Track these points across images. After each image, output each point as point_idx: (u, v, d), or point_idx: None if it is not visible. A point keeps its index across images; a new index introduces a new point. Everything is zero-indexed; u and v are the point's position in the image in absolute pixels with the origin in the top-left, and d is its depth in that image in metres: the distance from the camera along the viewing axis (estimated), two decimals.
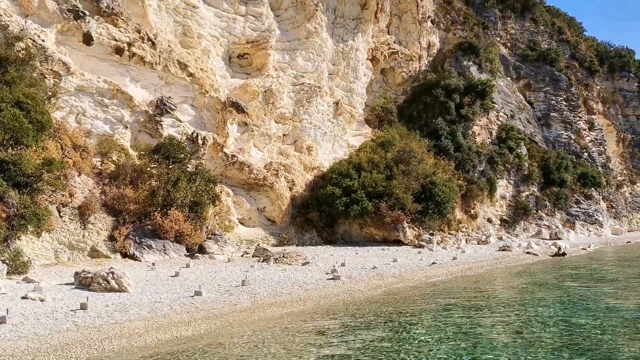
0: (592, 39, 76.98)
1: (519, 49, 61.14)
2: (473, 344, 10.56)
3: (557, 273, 24.68)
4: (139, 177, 25.16)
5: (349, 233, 34.88)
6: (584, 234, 53.08)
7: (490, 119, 50.40)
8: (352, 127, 42.66)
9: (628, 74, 75.46)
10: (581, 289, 18.20)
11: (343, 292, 16.69)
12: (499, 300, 16.46)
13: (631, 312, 13.84)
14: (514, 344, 10.60)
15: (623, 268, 27.70)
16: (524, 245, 38.00)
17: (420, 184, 35.53)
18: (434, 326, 12.32)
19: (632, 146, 74.11)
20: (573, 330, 11.81)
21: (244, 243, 29.44)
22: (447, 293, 17.90)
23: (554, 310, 14.25)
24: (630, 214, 69.46)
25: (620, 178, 70.42)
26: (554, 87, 60.80)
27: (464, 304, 15.44)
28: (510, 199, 49.42)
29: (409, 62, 48.75)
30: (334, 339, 11.05)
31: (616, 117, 72.15)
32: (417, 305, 15.23)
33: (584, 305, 14.88)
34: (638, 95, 76.41)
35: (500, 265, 28.31)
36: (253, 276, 17.99)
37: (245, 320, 12.61)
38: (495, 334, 11.72)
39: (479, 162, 45.32)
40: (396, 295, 17.07)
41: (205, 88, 30.59)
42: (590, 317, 13.17)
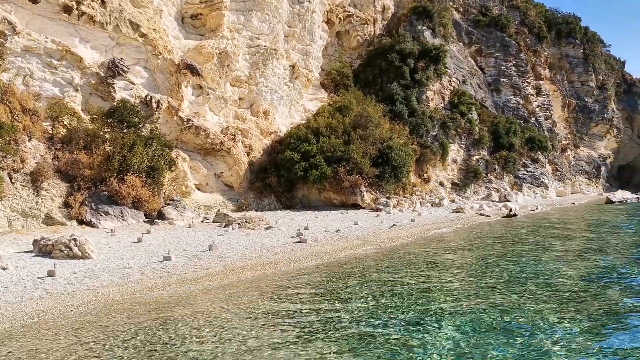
0: (540, 5, 78.43)
1: (471, 14, 61.73)
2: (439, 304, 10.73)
3: (512, 231, 25.44)
4: (93, 142, 24.21)
5: (308, 198, 34.88)
6: (530, 196, 54.98)
7: (443, 84, 50.93)
8: (308, 91, 42.26)
9: (574, 40, 77.52)
10: (536, 246, 18.79)
11: (312, 255, 16.67)
12: (463, 258, 16.81)
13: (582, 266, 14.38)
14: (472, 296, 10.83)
15: (569, 224, 28.84)
16: (476, 207, 38.96)
17: (377, 148, 35.76)
18: (409, 283, 12.46)
19: (577, 111, 76.73)
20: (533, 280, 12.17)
21: (202, 209, 29.01)
22: (412, 252, 18.16)
23: (515, 266, 14.67)
24: (574, 176, 72.36)
25: (565, 142, 73.04)
26: (504, 53, 61.92)
27: (432, 261, 15.71)
28: (462, 163, 50.46)
29: (364, 25, 48.43)
30: (313, 300, 11.01)
31: (562, 83, 74.31)
32: (384, 264, 15.38)
33: (539, 261, 15.36)
34: (583, 62, 78.75)
35: (457, 225, 28.97)
36: (218, 241, 17.74)
37: (221, 283, 12.41)
38: (459, 289, 11.94)
39: (432, 127, 45.91)
40: (364, 256, 17.21)
41: (159, 49, 29.51)
42: (545, 274, 13.61)
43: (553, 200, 54.91)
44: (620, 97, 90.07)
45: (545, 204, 48.99)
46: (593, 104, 79.40)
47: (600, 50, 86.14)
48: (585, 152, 78.58)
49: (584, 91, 78.68)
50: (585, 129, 78.77)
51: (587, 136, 79.44)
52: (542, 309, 9.86)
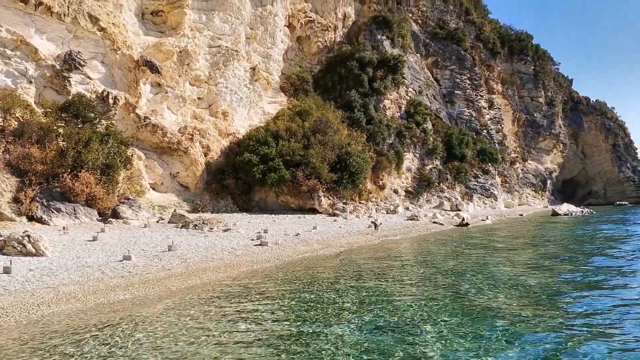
0: (495, 22, 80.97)
1: (429, 27, 62.98)
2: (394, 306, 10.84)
3: (467, 240, 25.94)
4: (46, 136, 23.37)
5: (265, 201, 34.68)
6: (480, 207, 56.39)
7: (400, 94, 51.70)
8: (268, 94, 42.10)
9: (526, 57, 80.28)
10: (488, 256, 19.22)
11: (274, 258, 16.54)
12: (419, 266, 17.02)
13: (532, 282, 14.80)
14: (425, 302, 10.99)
15: (519, 235, 29.64)
16: (429, 216, 39.62)
17: (336, 154, 35.94)
18: (370, 287, 12.51)
19: (526, 126, 79.39)
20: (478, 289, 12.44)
21: (156, 209, 28.42)
22: (372, 257, 18.25)
23: (469, 273, 14.96)
24: (521, 188, 74.69)
25: (514, 155, 75.34)
26: (459, 66, 63.42)
27: (391, 266, 15.83)
28: (416, 172, 51.29)
29: (324, 31, 48.67)
30: (278, 300, 10.90)
31: (513, 97, 76.76)
32: (346, 268, 15.41)
33: (489, 271, 15.71)
34: (533, 78, 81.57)
35: (413, 233, 29.33)
36: (177, 242, 17.37)
37: (184, 284, 12.14)
38: (413, 296, 12.08)
39: (388, 135, 46.52)
40: (326, 260, 17.19)
41: (118, 44, 28.84)
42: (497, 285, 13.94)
43: (502, 211, 56.43)
44: (567, 114, 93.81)
45: (495, 215, 50.26)
46: (541, 120, 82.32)
47: (549, 67, 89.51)
48: (533, 165, 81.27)
49: (534, 107, 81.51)
50: (533, 143, 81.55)
51: (535, 150, 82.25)
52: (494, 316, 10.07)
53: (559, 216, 53.66)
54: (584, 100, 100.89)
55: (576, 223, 42.06)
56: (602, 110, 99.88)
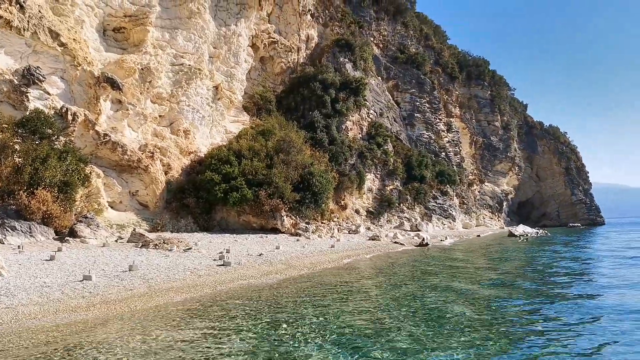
0: (454, 47, 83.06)
1: (390, 51, 64.16)
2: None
3: (427, 260, 26.25)
4: (2, 152, 22.75)
5: (227, 220, 34.37)
6: (439, 227, 57.19)
7: (362, 116, 52.30)
8: (230, 113, 41.98)
9: (483, 82, 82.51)
10: (448, 277, 19.50)
11: (238, 278, 16.36)
12: (383, 286, 17.12)
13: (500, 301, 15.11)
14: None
15: (476, 256, 30.18)
16: (390, 236, 39.96)
17: (299, 173, 35.99)
18: (338, 308, 12.52)
19: (483, 149, 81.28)
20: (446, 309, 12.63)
21: (115, 228, 27.82)
22: (335, 278, 18.27)
23: (432, 295, 15.16)
24: (479, 210, 76.18)
25: (472, 177, 76.97)
26: (419, 90, 64.71)
27: (353, 288, 15.89)
28: (377, 192, 51.76)
29: (288, 52, 49.00)
30: (245, 323, 10.78)
31: (470, 121, 78.67)
32: (311, 290, 15.38)
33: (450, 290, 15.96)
34: (490, 103, 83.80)
35: (374, 253, 29.49)
36: (137, 262, 17.02)
37: (147, 305, 11.88)
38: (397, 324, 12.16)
39: (350, 156, 46.90)
40: (290, 281, 17.11)
41: (78, 60, 28.38)
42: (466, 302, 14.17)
43: (460, 232, 57.38)
44: (522, 138, 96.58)
45: (453, 235, 51.04)
46: (498, 143, 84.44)
47: (505, 93, 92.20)
48: (490, 187, 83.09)
49: (490, 130, 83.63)
50: (490, 166, 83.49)
51: (492, 172, 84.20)
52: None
53: (515, 237, 54.83)
54: (538, 124, 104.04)
55: (531, 244, 43.07)
56: (555, 135, 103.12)
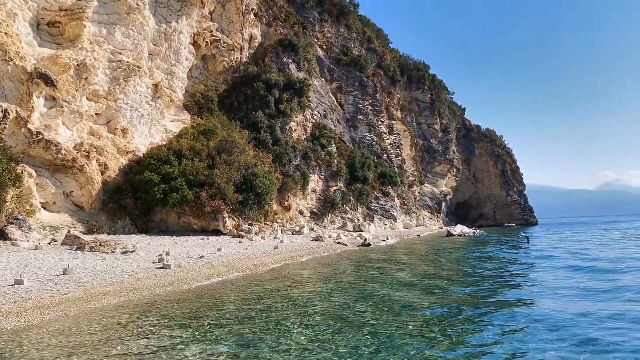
0: (395, 51, 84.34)
1: (334, 52, 64.44)
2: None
3: (369, 260, 26.42)
4: None
5: (166, 222, 33.53)
6: (381, 227, 57.89)
7: (306, 117, 52.29)
8: (170, 112, 41.03)
9: (423, 86, 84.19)
10: (388, 275, 19.67)
11: (177, 281, 15.90)
12: (326, 286, 17.08)
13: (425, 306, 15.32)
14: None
15: (417, 254, 30.68)
16: (334, 236, 40.08)
17: (241, 174, 35.54)
18: (278, 310, 12.34)
19: (423, 151, 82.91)
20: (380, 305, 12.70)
21: (48, 229, 26.61)
22: (278, 279, 18.07)
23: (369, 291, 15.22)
24: (419, 210, 77.61)
25: (412, 178, 78.35)
26: (362, 92, 65.31)
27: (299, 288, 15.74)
28: (320, 193, 51.85)
29: (230, 51, 48.38)
30: (184, 326, 10.43)
31: (411, 124, 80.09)
32: (251, 291, 15.13)
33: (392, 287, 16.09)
34: (430, 106, 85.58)
35: (318, 254, 29.48)
36: (72, 265, 16.29)
37: (82, 309, 11.33)
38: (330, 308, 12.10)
39: (294, 157, 46.75)
40: (231, 283, 16.79)
41: (10, 55, 26.99)
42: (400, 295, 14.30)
43: (401, 232, 58.27)
44: (460, 141, 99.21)
45: (394, 235, 51.75)
46: (437, 145, 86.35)
47: (445, 96, 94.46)
48: (429, 188, 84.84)
49: (430, 133, 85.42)
50: (429, 168, 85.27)
51: (431, 174, 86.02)
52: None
53: (453, 237, 56.22)
54: (476, 128, 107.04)
55: (468, 243, 44.20)
56: (491, 138, 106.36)
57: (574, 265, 23.25)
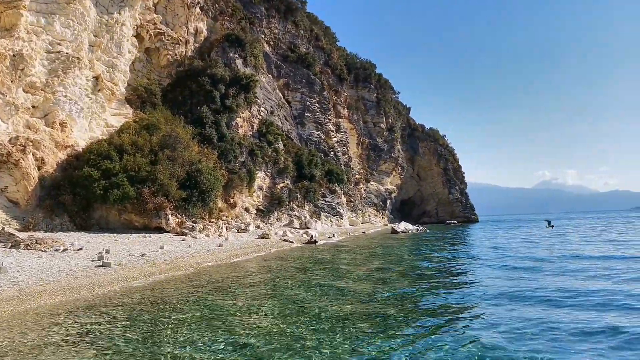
0: (343, 49, 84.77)
1: (281, 49, 64.16)
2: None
3: (314, 257, 26.51)
4: None
5: (107, 219, 32.57)
6: (327, 225, 58.21)
7: (253, 113, 51.89)
8: (112, 105, 39.82)
9: (369, 85, 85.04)
10: (333, 271, 19.82)
11: (118, 280, 15.47)
12: (268, 283, 17.02)
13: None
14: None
15: (362, 251, 31.03)
16: (280, 234, 39.99)
17: (185, 171, 34.92)
18: (222, 306, 12.19)
19: (369, 149, 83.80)
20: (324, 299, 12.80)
21: None
22: (222, 277, 17.86)
23: (310, 289, 15.29)
24: (364, 208, 78.48)
25: (358, 176, 79.10)
26: (310, 90, 65.35)
27: (240, 284, 15.61)
28: (267, 190, 51.59)
29: (175, 45, 47.44)
30: (124, 326, 10.15)
31: (358, 122, 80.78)
32: (194, 290, 14.90)
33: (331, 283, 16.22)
34: (376, 105, 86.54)
35: (263, 251, 29.38)
36: (5, 263, 15.59)
37: (17, 309, 10.84)
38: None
39: (240, 154, 46.31)
40: (174, 281, 16.48)
41: None
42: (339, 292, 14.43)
43: (347, 229, 58.78)
44: (405, 140, 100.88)
45: (341, 232, 52.20)
46: (383, 144, 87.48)
47: (390, 96, 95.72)
48: (375, 186, 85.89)
49: (376, 131, 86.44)
50: (375, 166, 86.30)
51: (377, 172, 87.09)
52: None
53: (397, 234, 57.18)
54: (420, 127, 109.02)
55: (410, 240, 45.04)
56: (435, 137, 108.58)
57: (507, 264, 23.92)
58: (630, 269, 19.14)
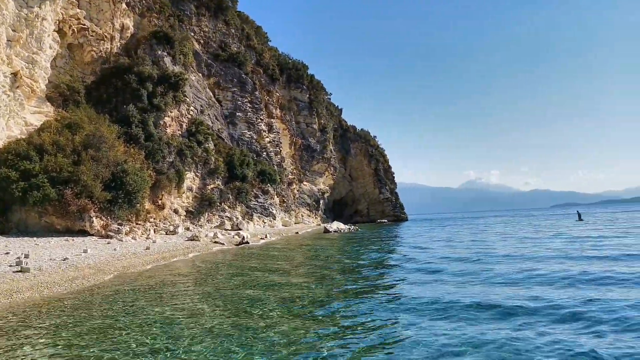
0: (275, 49, 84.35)
1: (211, 48, 63.09)
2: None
3: (245, 258, 26.22)
4: None
5: (26, 222, 30.95)
6: (260, 225, 57.84)
7: (182, 112, 50.77)
8: (32, 103, 37.86)
9: (302, 85, 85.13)
10: (264, 272, 19.70)
11: (38, 285, 14.67)
12: (199, 286, 16.67)
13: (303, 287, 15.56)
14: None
15: (293, 252, 31.03)
16: (210, 236, 39.34)
17: (110, 171, 33.75)
18: (144, 311, 11.80)
19: (302, 150, 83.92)
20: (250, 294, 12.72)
21: None
22: (150, 282, 17.32)
23: (238, 289, 15.12)
24: (297, 208, 78.54)
25: (291, 177, 79.05)
26: (241, 89, 64.65)
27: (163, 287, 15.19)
28: (197, 191, 50.62)
29: (100, 41, 45.71)
30: (46, 334, 9.62)
31: (290, 123, 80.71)
32: (119, 296, 14.37)
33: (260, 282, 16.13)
34: (308, 106, 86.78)
35: (193, 253, 28.77)
36: None
37: None
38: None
39: (169, 154, 45.21)
40: (98, 286, 15.81)
41: None
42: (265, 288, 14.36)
43: (280, 230, 58.61)
44: (337, 140, 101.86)
45: (273, 233, 51.98)
46: (315, 144, 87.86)
47: (323, 97, 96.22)
48: (308, 186, 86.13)
49: (309, 132, 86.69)
50: (308, 166, 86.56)
51: (310, 172, 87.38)
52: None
53: (330, 233, 57.62)
54: (352, 128, 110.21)
55: (342, 239, 45.47)
56: (366, 138, 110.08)
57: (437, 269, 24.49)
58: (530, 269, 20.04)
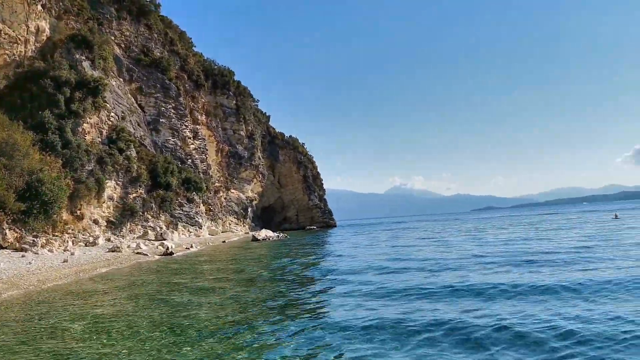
0: (200, 55, 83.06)
1: (133, 52, 61.30)
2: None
3: (169, 270, 25.55)
4: None
5: None
6: (185, 235, 56.60)
7: (102, 118, 48.99)
8: None
9: (228, 92, 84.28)
10: (186, 282, 19.29)
11: None
12: (116, 300, 16.05)
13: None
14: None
15: (218, 262, 30.56)
16: (133, 246, 38.12)
17: (24, 181, 31.99)
18: (65, 327, 11.20)
19: (229, 156, 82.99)
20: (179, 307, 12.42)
21: None
22: (65, 296, 16.49)
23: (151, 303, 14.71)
24: (225, 216, 77.50)
25: (218, 184, 77.93)
26: (164, 95, 63.18)
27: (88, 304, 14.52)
28: (118, 201, 48.94)
29: (13, 44, 43.40)
30: None
31: (217, 129, 79.66)
32: (32, 311, 13.58)
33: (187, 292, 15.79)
34: (235, 112, 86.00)
35: (114, 266, 27.78)
36: None
37: None
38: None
39: (88, 162, 43.49)
40: (9, 303, 14.88)
41: None
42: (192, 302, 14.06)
43: (206, 239, 57.56)
44: (266, 147, 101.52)
45: (199, 242, 50.97)
46: (243, 151, 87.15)
47: (250, 103, 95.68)
48: (236, 194, 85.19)
49: (236, 139, 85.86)
50: (236, 173, 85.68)
51: (237, 180, 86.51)
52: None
53: (258, 241, 57.18)
54: (280, 135, 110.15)
55: (270, 247, 45.24)
56: (294, 145, 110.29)
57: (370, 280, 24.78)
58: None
